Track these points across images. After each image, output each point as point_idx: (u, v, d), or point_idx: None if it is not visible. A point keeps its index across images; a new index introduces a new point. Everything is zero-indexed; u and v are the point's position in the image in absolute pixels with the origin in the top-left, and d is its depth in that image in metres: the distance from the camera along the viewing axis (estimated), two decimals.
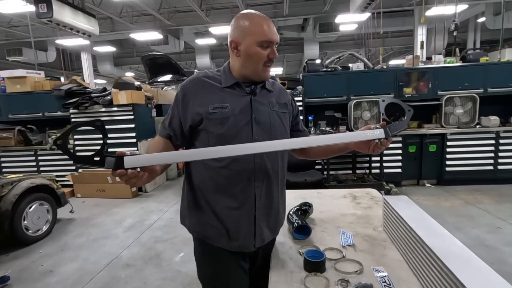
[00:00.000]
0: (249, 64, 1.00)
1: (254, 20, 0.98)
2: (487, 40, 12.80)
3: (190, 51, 14.24)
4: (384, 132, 1.01)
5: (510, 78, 4.26)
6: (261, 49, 0.98)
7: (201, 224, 1.07)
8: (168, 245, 2.89)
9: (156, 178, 3.86)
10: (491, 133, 4.16)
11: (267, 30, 0.97)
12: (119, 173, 0.83)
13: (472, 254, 0.83)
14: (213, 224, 1.04)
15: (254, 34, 0.97)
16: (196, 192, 1.07)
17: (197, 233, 1.09)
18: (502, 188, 4.07)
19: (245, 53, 0.99)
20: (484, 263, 0.78)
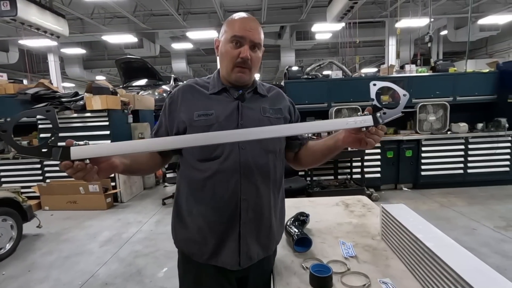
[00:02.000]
0: (222, 63, 0.98)
1: (233, 18, 0.96)
2: (448, 51, 13.81)
3: (166, 55, 13.93)
4: (373, 119, 0.84)
5: (476, 88, 4.58)
6: (232, 47, 0.93)
7: (185, 239, 1.01)
8: (150, 259, 2.72)
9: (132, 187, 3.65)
10: (461, 138, 4.43)
11: (239, 26, 0.92)
12: (63, 165, 0.73)
13: (482, 262, 0.83)
14: (197, 240, 0.97)
15: (227, 32, 0.95)
16: (181, 206, 1.02)
17: (181, 248, 1.05)
18: (472, 191, 4.32)
19: (220, 51, 0.98)
20: (495, 271, 0.79)
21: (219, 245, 0.96)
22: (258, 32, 0.94)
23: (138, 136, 5.09)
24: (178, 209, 1.03)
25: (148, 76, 7.78)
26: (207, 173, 0.93)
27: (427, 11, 6.74)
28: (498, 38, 13.83)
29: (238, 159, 0.92)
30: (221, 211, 0.94)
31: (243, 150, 0.93)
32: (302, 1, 8.64)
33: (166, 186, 5.26)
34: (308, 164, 1.15)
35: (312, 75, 4.73)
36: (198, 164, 0.95)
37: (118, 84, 8.16)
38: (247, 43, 0.92)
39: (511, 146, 4.42)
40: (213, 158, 0.93)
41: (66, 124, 4.32)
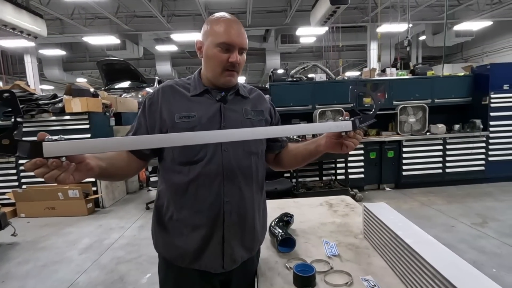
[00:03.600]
0: (209, 67, 0.96)
1: (219, 21, 0.94)
2: (427, 56, 14.34)
3: (150, 58, 13.73)
4: (352, 124, 0.91)
5: (452, 91, 4.77)
6: (220, 51, 0.92)
7: (166, 244, 0.99)
8: (133, 265, 2.65)
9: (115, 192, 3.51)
10: (439, 139, 4.59)
11: (227, 32, 0.91)
12: (33, 163, 0.61)
13: (459, 258, 0.86)
14: (178, 244, 0.96)
15: (213, 35, 0.92)
16: (162, 210, 0.99)
17: (162, 253, 1.03)
18: (450, 190, 4.48)
19: (205, 54, 0.95)
20: (471, 266, 0.81)
21: (202, 249, 0.94)
22: (244, 37, 0.95)
23: None
24: (159, 213, 1.00)
25: (131, 78, 7.63)
26: (189, 176, 0.92)
27: (406, 17, 7.00)
28: (473, 43, 14.51)
29: (221, 162, 0.92)
30: (204, 214, 0.93)
31: (226, 152, 0.92)
32: (287, 5, 8.75)
33: (150, 190, 5.15)
34: (289, 166, 1.18)
35: (297, 77, 4.78)
36: (180, 168, 0.93)
37: (100, 87, 7.95)
38: (236, 49, 0.93)
39: (485, 146, 4.62)
40: (195, 161, 0.92)
41: (43, 127, 4.16)
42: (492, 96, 4.51)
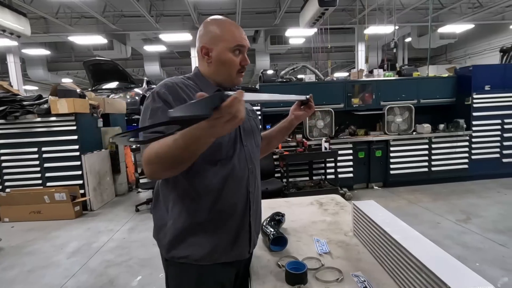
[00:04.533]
0: (222, 71, 0.98)
1: (225, 26, 0.97)
2: (413, 57, 14.69)
3: (138, 58, 13.54)
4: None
5: (437, 91, 4.91)
6: (233, 56, 0.96)
7: (190, 246, 0.95)
8: (123, 268, 2.61)
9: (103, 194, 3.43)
10: (425, 139, 4.72)
11: (238, 36, 0.97)
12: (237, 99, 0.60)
13: (445, 252, 0.89)
14: (211, 242, 0.96)
15: (226, 41, 0.95)
16: (183, 215, 0.95)
17: (182, 259, 0.96)
18: (435, 187, 4.61)
19: (218, 59, 0.97)
20: (456, 260, 0.85)
21: (234, 240, 1.00)
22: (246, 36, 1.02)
23: (109, 141, 4.89)
24: (180, 217, 0.95)
25: (119, 79, 7.52)
26: (221, 173, 0.95)
27: (392, 19, 7.15)
28: (456, 45, 14.95)
29: (244, 156, 1.01)
30: (237, 208, 1.00)
31: (246, 147, 1.02)
32: (276, 6, 8.81)
33: (139, 192, 5.09)
34: (265, 151, 1.33)
35: (286, 78, 4.82)
36: (209, 167, 0.94)
37: (87, 87, 7.79)
38: (245, 50, 0.99)
39: (468, 145, 4.78)
40: (225, 158, 0.96)
41: (28, 129, 4.06)
42: (474, 97, 4.66)
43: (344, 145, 4.60)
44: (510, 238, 2.83)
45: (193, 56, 11.20)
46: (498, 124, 4.76)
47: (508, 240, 2.80)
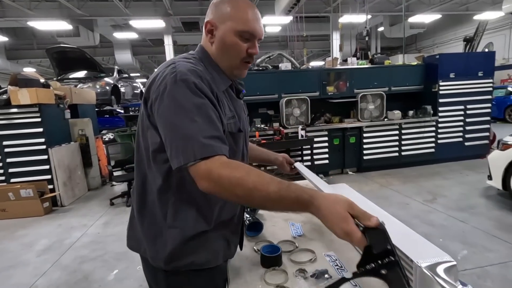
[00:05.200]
0: (224, 56, 0.85)
1: (240, 4, 0.82)
2: (385, 46, 15.13)
3: (108, 46, 12.89)
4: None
5: (407, 79, 5.10)
6: (240, 40, 0.82)
7: (198, 253, 0.86)
8: (98, 263, 2.54)
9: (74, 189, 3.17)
10: (396, 125, 4.92)
11: (251, 19, 0.82)
12: None
13: (411, 230, 0.95)
14: (218, 245, 0.90)
15: (235, 20, 0.81)
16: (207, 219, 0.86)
17: (189, 266, 0.86)
18: (405, 171, 4.86)
19: (221, 40, 0.83)
20: (421, 237, 0.90)
21: (233, 239, 0.97)
22: (262, 25, 0.87)
23: (78, 133, 4.65)
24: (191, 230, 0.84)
25: (87, 68, 7.13)
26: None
27: (365, 8, 7.28)
28: (425, 35, 15.59)
29: (247, 156, 1.01)
30: (240, 208, 0.98)
31: (246, 153, 1.00)
32: None
33: (113, 185, 4.92)
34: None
35: (263, 66, 4.80)
36: None
37: (52, 77, 7.32)
38: (256, 39, 0.85)
39: (435, 130, 5.05)
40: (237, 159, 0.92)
41: None
42: (440, 84, 4.90)
43: (320, 133, 4.70)
44: (470, 215, 3.07)
45: (166, 44, 10.81)
46: (461, 110, 5.06)
47: (468, 217, 3.03)
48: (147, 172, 0.84)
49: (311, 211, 0.65)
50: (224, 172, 0.68)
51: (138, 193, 0.87)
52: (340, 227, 0.59)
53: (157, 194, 0.83)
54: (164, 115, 0.73)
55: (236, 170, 0.69)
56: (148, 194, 0.85)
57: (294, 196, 0.65)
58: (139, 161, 0.86)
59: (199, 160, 0.69)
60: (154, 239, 0.84)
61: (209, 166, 0.68)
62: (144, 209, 0.86)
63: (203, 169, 0.69)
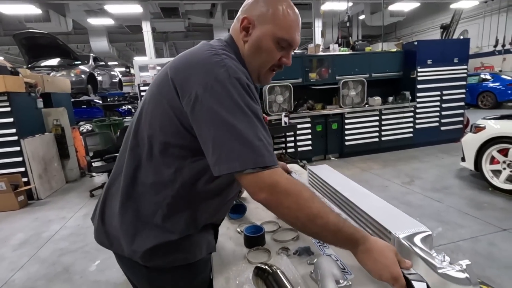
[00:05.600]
0: (255, 59, 0.79)
1: (285, 10, 0.76)
2: (366, 35, 15.29)
3: (82, 32, 12.26)
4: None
5: (386, 66, 5.19)
6: (276, 47, 0.77)
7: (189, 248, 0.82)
8: (79, 255, 2.48)
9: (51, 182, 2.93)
10: (376, 111, 5.03)
11: (294, 28, 0.78)
12: None
13: (388, 204, 0.97)
14: (205, 241, 0.85)
15: (276, 25, 0.75)
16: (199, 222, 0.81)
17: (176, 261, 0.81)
18: (385, 156, 5.01)
19: (256, 42, 0.77)
20: (399, 210, 0.93)
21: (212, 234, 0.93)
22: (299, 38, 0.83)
23: (53, 123, 4.44)
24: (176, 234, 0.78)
25: (59, 55, 6.76)
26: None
27: None
28: (404, 23, 15.88)
29: None
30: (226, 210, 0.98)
31: None
32: None
33: (93, 177, 4.78)
34: None
35: None
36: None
37: (22, 65, 6.89)
38: (292, 50, 0.81)
39: (413, 116, 5.21)
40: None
41: None
42: (418, 70, 5.03)
43: (303, 119, 4.73)
44: (444, 195, 3.22)
45: (145, 31, 10.40)
46: (437, 95, 5.23)
47: (443, 196, 3.18)
48: (145, 162, 0.76)
49: (358, 250, 0.67)
50: (293, 190, 0.65)
51: (126, 183, 0.77)
52: (390, 271, 0.62)
53: (151, 188, 0.76)
54: (214, 111, 0.64)
55: (303, 191, 0.66)
56: (138, 185, 0.76)
57: (350, 232, 0.66)
58: (135, 147, 0.77)
59: (261, 169, 0.63)
60: (133, 236, 0.75)
61: (276, 178, 0.64)
62: (129, 201, 0.77)
63: (268, 180, 0.63)
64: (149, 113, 0.76)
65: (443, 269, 0.71)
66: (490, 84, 10.03)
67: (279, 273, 0.78)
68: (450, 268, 0.71)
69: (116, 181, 0.83)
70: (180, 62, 0.73)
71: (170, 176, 0.74)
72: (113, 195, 0.82)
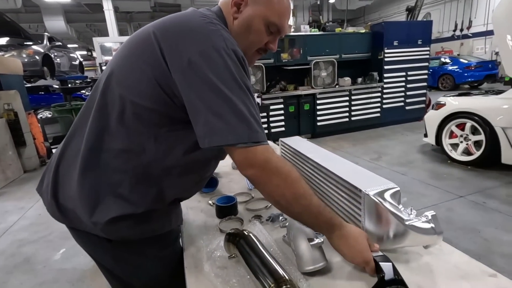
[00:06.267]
0: (243, 38, 0.75)
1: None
2: (336, 19, 15.47)
3: (34, 11, 11.15)
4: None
5: (356, 47, 5.29)
6: (265, 31, 0.75)
7: (156, 221, 0.77)
8: (41, 245, 2.32)
9: (6, 172, 2.65)
10: (346, 91, 5.14)
11: (285, 14, 0.77)
12: None
13: (358, 167, 0.99)
14: (173, 213, 0.82)
15: (269, 8, 0.73)
16: (168, 197, 0.76)
17: (142, 233, 0.75)
18: (355, 135, 5.19)
19: (246, 21, 0.74)
20: (369, 171, 0.95)
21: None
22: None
23: (3, 108, 4.04)
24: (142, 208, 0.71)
25: (8, 33, 6.09)
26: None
27: None
28: (372, 8, 16.25)
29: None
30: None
31: None
32: None
33: None
34: None
35: None
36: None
37: None
38: (278, 36, 0.78)
39: (381, 96, 5.40)
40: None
41: None
42: (385, 51, 5.18)
43: (276, 100, 4.72)
44: (409, 168, 3.41)
45: (106, 9, 9.68)
46: (403, 76, 5.45)
47: (407, 170, 3.36)
48: (114, 125, 0.68)
49: (334, 235, 0.69)
50: (283, 169, 0.64)
51: (89, 147, 0.69)
52: (363, 255, 0.66)
53: (119, 155, 0.68)
54: (210, 79, 0.60)
55: (292, 171, 0.66)
56: (103, 151, 0.69)
57: (329, 217, 0.69)
58: (103, 107, 0.69)
59: (254, 144, 0.61)
60: (94, 207, 0.68)
61: (268, 155, 0.63)
62: (91, 168, 0.69)
63: (260, 157, 0.62)
64: (123, 73, 0.68)
65: (410, 221, 0.73)
66: (449, 67, 10.65)
67: (252, 236, 0.76)
68: (417, 219, 0.74)
69: (73, 145, 0.73)
70: (171, 25, 0.67)
71: (143, 144, 0.68)
72: (70, 162, 0.73)
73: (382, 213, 0.74)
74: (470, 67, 10.10)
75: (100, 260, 0.82)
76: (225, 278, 0.70)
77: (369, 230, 0.77)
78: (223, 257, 0.78)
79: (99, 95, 0.71)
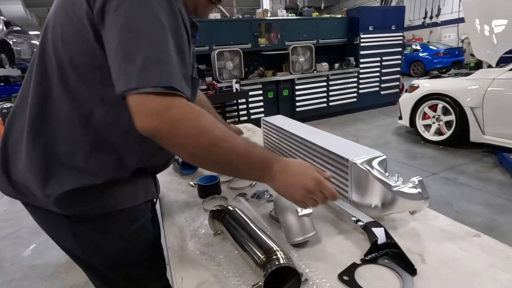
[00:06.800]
0: None
1: None
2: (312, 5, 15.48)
3: None
4: None
5: (332, 32, 5.30)
6: None
7: (120, 193, 0.70)
8: (9, 241, 2.17)
9: None
10: (324, 76, 5.17)
11: None
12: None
13: (343, 139, 0.98)
14: (141, 183, 0.74)
15: None
16: (131, 165, 0.69)
17: (104, 207, 0.69)
18: (333, 120, 5.28)
19: None
20: (354, 142, 0.94)
21: (153, 180, 0.83)
22: None
23: None
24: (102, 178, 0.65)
25: None
26: None
27: None
28: None
29: None
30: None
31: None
32: None
33: None
34: None
35: None
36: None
37: None
38: None
39: (357, 81, 5.49)
40: None
41: None
42: (361, 37, 5.24)
43: (254, 86, 4.66)
44: (385, 149, 3.52)
45: None
46: (378, 61, 5.55)
47: (384, 151, 3.34)
48: (57, 89, 0.61)
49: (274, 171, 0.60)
50: (189, 114, 0.53)
51: (33, 117, 0.62)
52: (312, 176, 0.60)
53: (68, 123, 0.62)
54: (127, 16, 0.51)
55: (204, 114, 0.55)
56: (50, 119, 0.62)
57: (262, 155, 0.60)
58: (42, 72, 0.62)
59: (160, 89, 0.50)
60: (45, 179, 0.62)
61: (170, 102, 0.51)
62: (38, 138, 0.62)
63: (160, 103, 0.50)
64: (57, 30, 0.59)
65: (397, 187, 0.72)
66: (420, 54, 11.04)
67: (238, 210, 0.73)
68: (404, 186, 0.73)
69: (20, 116, 0.65)
70: None
71: (91, 107, 0.61)
72: (17, 134, 0.66)
73: (370, 181, 0.74)
74: (439, 54, 10.53)
75: (61, 241, 0.74)
76: (211, 255, 0.66)
77: (356, 201, 0.76)
78: (208, 235, 0.75)
79: (36, 59, 0.63)
